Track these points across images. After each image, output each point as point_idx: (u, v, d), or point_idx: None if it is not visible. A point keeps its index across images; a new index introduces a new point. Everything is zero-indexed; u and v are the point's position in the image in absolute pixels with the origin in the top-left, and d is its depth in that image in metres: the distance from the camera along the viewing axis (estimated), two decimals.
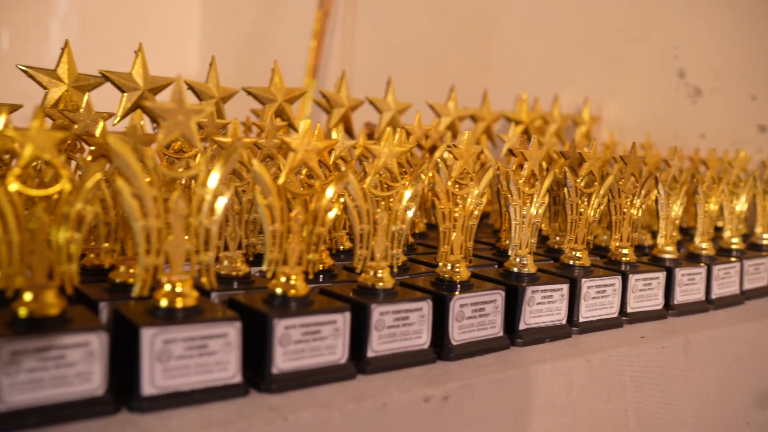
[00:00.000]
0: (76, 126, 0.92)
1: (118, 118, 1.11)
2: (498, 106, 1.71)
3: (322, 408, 0.68)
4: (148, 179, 0.66)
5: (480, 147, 0.90)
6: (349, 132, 1.43)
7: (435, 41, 2.35)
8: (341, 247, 1.06)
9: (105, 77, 1.15)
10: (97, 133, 0.87)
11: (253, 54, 3.04)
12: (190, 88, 1.24)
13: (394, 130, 0.87)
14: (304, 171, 0.90)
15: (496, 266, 1.05)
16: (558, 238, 1.17)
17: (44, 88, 1.13)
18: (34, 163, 0.76)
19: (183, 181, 0.79)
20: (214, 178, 0.69)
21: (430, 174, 0.84)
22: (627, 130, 1.79)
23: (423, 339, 0.82)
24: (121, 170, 0.65)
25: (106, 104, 1.13)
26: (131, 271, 0.79)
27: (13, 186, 0.62)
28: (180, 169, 0.70)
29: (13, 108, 0.94)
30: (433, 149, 1.38)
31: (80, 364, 0.62)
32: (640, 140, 1.71)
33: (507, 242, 1.14)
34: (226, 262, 0.85)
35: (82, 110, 0.94)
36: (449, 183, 0.86)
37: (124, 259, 0.79)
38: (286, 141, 0.74)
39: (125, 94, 1.16)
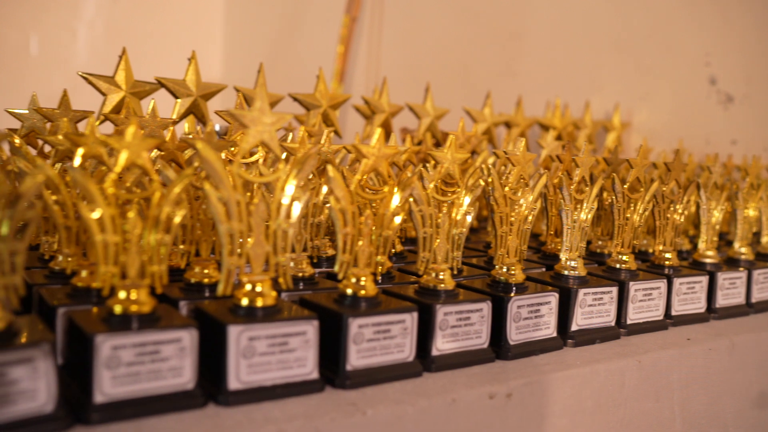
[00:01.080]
0: (142, 132, 0.96)
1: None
2: (525, 112, 1.74)
3: (396, 403, 0.71)
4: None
5: (533, 154, 0.93)
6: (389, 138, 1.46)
7: (461, 47, 2.38)
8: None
9: (160, 83, 1.19)
10: (168, 137, 0.90)
11: (277, 59, 3.08)
12: (243, 96, 1.28)
13: (444, 136, 0.90)
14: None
15: (544, 269, 1.08)
16: (600, 243, 1.20)
17: (103, 94, 1.16)
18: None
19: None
20: (292, 183, 0.73)
21: (490, 179, 0.88)
22: (657, 136, 1.81)
23: (483, 339, 0.85)
24: (208, 175, 0.69)
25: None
26: (205, 271, 0.82)
27: (110, 190, 0.65)
28: (257, 175, 0.74)
29: (83, 116, 0.97)
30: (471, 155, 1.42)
31: (173, 359, 0.66)
32: (671, 146, 1.74)
33: (552, 246, 1.17)
34: (292, 264, 0.89)
35: (147, 116, 0.97)
36: (507, 188, 0.89)
37: (199, 260, 0.83)
38: (358, 147, 0.78)
39: (179, 100, 1.20)
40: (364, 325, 0.75)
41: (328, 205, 0.91)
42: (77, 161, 0.74)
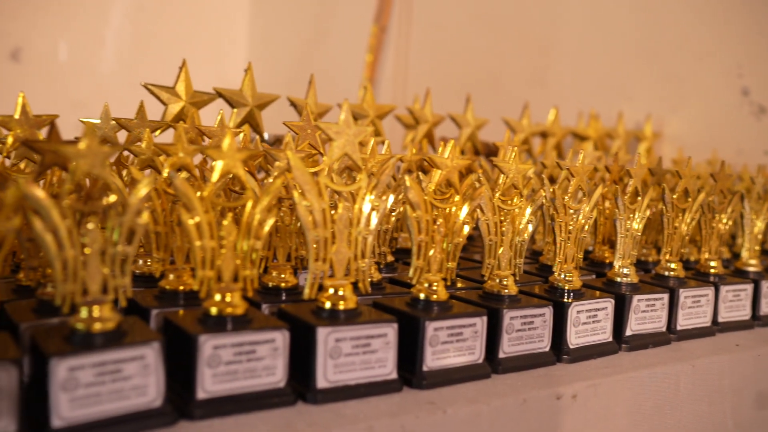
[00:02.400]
0: (211, 140, 1.00)
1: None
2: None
3: (472, 403, 0.75)
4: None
5: (591, 165, 0.96)
6: (433, 147, 1.50)
7: (490, 57, 2.42)
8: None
9: (218, 94, 1.23)
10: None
11: (302, 68, 3.13)
12: (293, 104, 1.32)
13: (485, 146, 0.94)
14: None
15: (594, 276, 1.11)
16: (644, 251, 1.24)
17: (163, 104, 1.20)
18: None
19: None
20: (371, 193, 0.77)
21: (552, 190, 0.91)
22: (688, 147, 1.85)
23: (545, 342, 0.89)
24: (298, 184, 0.73)
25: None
26: (282, 276, 0.86)
27: (206, 197, 0.69)
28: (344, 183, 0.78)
29: (158, 126, 1.01)
30: None
31: (267, 359, 0.69)
32: (702, 157, 1.77)
33: (600, 254, 1.20)
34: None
35: (216, 126, 1.01)
36: (566, 198, 0.93)
37: (276, 264, 0.87)
38: (433, 159, 0.82)
39: (235, 110, 1.24)
40: (439, 328, 0.79)
41: (393, 213, 0.95)
42: (167, 171, 0.78)
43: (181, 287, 0.81)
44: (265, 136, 1.47)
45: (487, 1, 2.46)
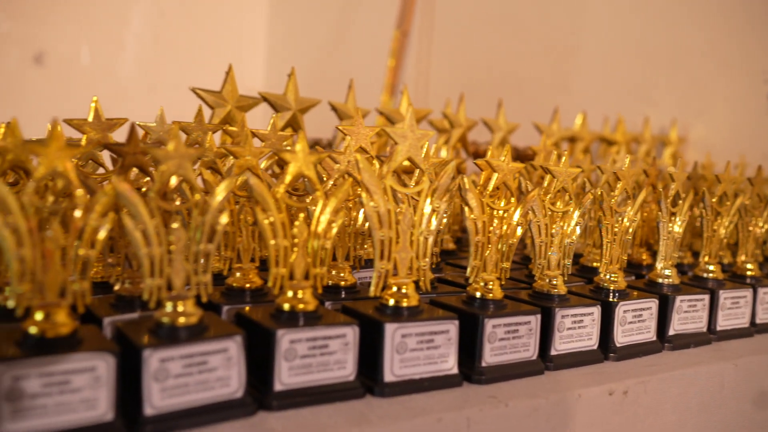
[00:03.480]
0: (263, 143, 1.03)
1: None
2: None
3: (531, 397, 0.78)
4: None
5: (639, 169, 1.00)
6: (466, 150, 1.54)
7: (513, 62, 2.45)
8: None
9: (264, 98, 1.26)
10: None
11: (321, 72, 3.17)
12: (333, 108, 1.36)
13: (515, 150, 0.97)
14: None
15: (634, 277, 1.14)
16: (680, 254, 1.26)
17: (210, 107, 1.24)
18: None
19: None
20: (433, 194, 0.80)
21: (599, 192, 0.94)
22: (714, 152, 1.87)
23: (593, 341, 0.92)
24: (365, 186, 0.76)
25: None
26: (341, 275, 0.89)
27: (280, 196, 0.73)
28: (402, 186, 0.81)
29: (216, 129, 1.04)
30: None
31: (339, 353, 0.73)
32: (727, 161, 1.80)
33: (637, 256, 1.23)
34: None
35: (268, 130, 1.04)
36: (613, 201, 0.96)
37: (335, 264, 0.90)
38: (490, 162, 0.85)
39: (278, 114, 1.27)
40: (497, 326, 0.82)
41: (445, 214, 0.98)
42: (242, 173, 0.81)
43: (248, 285, 0.84)
44: None
45: (510, 7, 2.49)
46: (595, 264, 1.16)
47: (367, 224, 0.94)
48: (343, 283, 0.89)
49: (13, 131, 0.72)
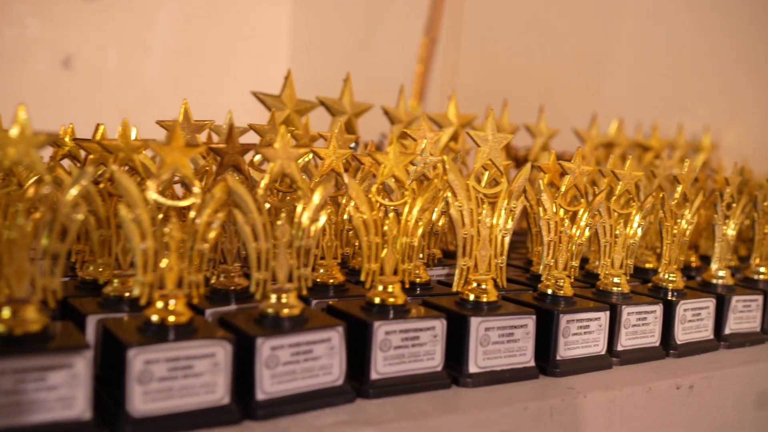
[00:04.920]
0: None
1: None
2: (606, 131, 1.85)
3: (606, 389, 0.82)
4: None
5: (694, 173, 1.04)
6: (508, 154, 1.58)
7: (542, 68, 2.49)
8: None
9: (321, 102, 1.31)
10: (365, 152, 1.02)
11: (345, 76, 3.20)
12: (386, 113, 1.40)
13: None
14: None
15: (684, 279, 1.18)
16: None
17: (268, 110, 1.28)
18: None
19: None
20: (513, 194, 0.84)
21: (661, 195, 0.99)
22: (746, 158, 1.91)
23: (655, 337, 0.96)
24: (451, 186, 0.80)
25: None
26: (417, 272, 0.93)
27: (375, 197, 0.77)
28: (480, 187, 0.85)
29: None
30: None
31: (428, 345, 0.77)
32: (760, 168, 1.84)
33: (686, 258, 1.27)
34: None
35: (336, 133, 1.09)
36: (673, 203, 1.00)
37: (420, 263, 0.94)
38: (564, 165, 0.89)
39: (336, 117, 1.32)
40: (571, 321, 0.86)
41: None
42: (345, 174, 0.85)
43: (332, 281, 0.89)
44: (352, 145, 1.55)
45: (538, 14, 2.54)
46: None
47: (440, 223, 0.98)
48: (418, 279, 0.93)
49: (124, 131, 0.77)
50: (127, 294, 0.76)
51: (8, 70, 3.16)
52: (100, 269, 0.80)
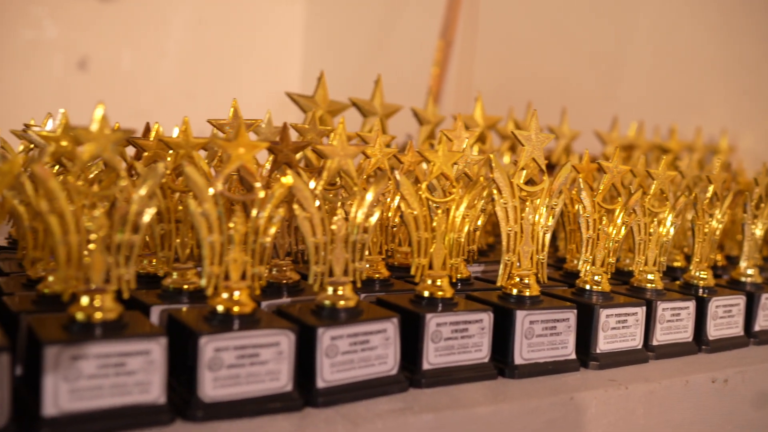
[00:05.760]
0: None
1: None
2: (624, 134, 1.88)
3: (646, 381, 0.85)
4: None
5: (726, 174, 1.06)
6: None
7: (557, 71, 2.52)
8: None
9: (353, 103, 1.34)
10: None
11: (362, 77, 3.24)
12: (416, 114, 1.43)
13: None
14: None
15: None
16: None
17: (303, 111, 1.31)
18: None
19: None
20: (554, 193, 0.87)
21: (693, 195, 1.01)
22: (762, 160, 1.94)
23: (688, 333, 0.99)
24: (496, 184, 0.83)
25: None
26: (458, 268, 0.96)
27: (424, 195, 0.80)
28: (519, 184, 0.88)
29: (326, 133, 1.11)
30: None
31: (476, 337, 0.80)
32: None
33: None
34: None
35: (372, 133, 1.12)
36: (705, 203, 1.03)
37: (458, 262, 0.97)
38: (601, 164, 0.92)
39: (367, 118, 1.35)
40: (610, 315, 0.89)
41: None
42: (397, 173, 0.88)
43: (377, 275, 0.92)
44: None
45: (555, 17, 2.57)
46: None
47: (479, 221, 1.01)
48: (459, 275, 0.96)
49: (186, 129, 0.80)
50: (186, 286, 0.79)
51: (25, 71, 3.20)
52: (156, 262, 0.83)
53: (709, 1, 2.12)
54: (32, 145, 0.95)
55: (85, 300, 0.63)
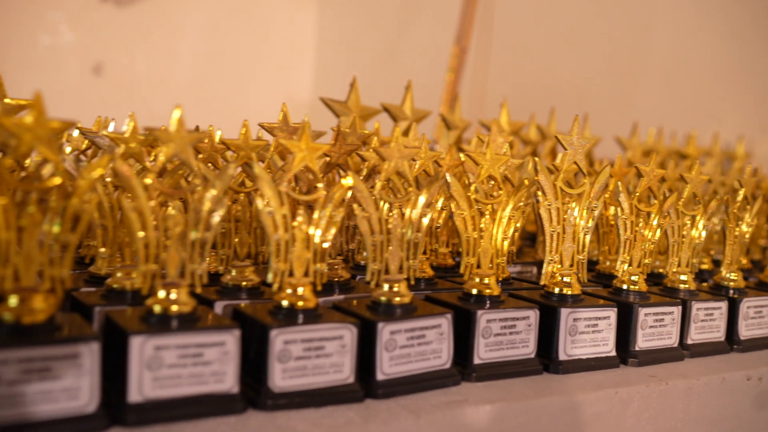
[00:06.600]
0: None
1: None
2: (641, 140, 1.92)
3: (685, 378, 0.88)
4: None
5: (755, 179, 1.10)
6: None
7: (572, 78, 2.56)
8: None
9: (384, 108, 1.37)
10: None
11: (376, 83, 3.27)
12: (444, 119, 1.47)
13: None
14: None
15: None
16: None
17: (336, 116, 1.35)
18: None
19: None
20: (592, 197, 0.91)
21: (726, 198, 1.05)
22: None
23: (720, 333, 1.02)
24: (541, 187, 0.87)
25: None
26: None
27: (473, 195, 0.84)
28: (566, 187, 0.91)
29: (367, 137, 1.15)
30: None
31: (523, 333, 0.83)
32: None
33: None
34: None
35: (421, 140, 1.15)
36: (736, 207, 1.06)
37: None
38: (639, 167, 0.96)
39: (399, 123, 1.39)
40: (648, 314, 0.92)
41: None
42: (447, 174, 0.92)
43: (422, 275, 0.95)
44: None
45: (570, 24, 2.61)
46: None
47: (517, 224, 1.05)
48: (500, 275, 0.99)
49: (246, 132, 0.83)
50: (244, 283, 0.83)
51: (42, 76, 3.24)
52: (214, 260, 0.87)
53: (725, 9, 2.17)
54: (83, 147, 0.98)
55: (162, 293, 0.67)
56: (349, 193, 0.75)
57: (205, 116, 1.21)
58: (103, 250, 0.81)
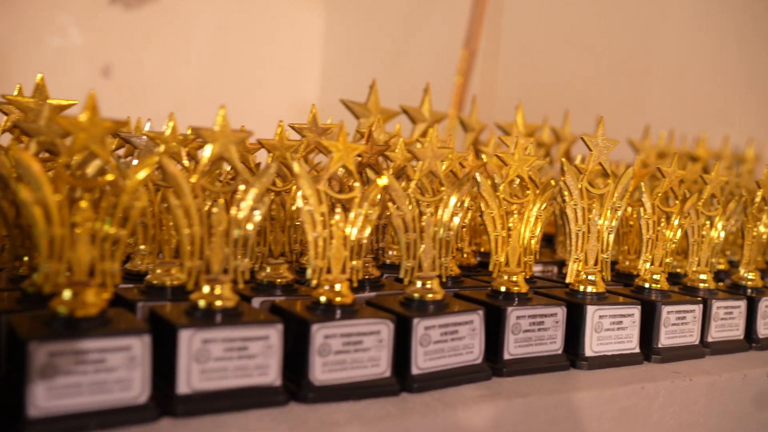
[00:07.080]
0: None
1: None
2: (652, 143, 1.94)
3: (706, 374, 0.91)
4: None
5: None
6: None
7: (581, 82, 2.58)
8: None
9: (404, 110, 1.40)
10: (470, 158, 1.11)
11: (383, 85, 3.29)
12: (462, 122, 1.49)
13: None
14: None
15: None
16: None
17: (356, 117, 1.37)
18: None
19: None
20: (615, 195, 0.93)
21: (744, 200, 1.07)
22: None
23: (739, 331, 1.04)
24: (567, 187, 0.89)
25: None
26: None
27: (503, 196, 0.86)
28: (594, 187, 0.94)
29: (391, 138, 1.17)
30: None
31: (551, 330, 0.85)
32: None
33: None
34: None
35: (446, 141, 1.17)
36: (754, 208, 1.09)
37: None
38: (660, 168, 0.98)
39: (418, 125, 1.41)
40: (671, 312, 0.94)
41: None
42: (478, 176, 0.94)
43: (450, 273, 0.97)
44: None
45: (579, 27, 2.63)
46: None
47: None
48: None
49: (282, 133, 0.86)
50: (279, 280, 0.85)
51: (51, 79, 3.25)
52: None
53: (734, 12, 2.19)
54: (113, 147, 1.00)
55: (206, 288, 0.69)
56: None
57: (213, 117, 1.21)
58: (143, 247, 0.83)
